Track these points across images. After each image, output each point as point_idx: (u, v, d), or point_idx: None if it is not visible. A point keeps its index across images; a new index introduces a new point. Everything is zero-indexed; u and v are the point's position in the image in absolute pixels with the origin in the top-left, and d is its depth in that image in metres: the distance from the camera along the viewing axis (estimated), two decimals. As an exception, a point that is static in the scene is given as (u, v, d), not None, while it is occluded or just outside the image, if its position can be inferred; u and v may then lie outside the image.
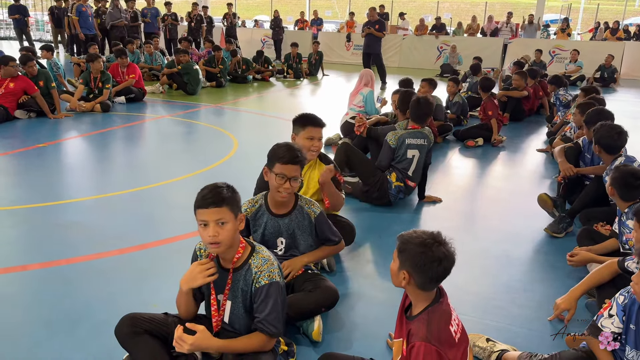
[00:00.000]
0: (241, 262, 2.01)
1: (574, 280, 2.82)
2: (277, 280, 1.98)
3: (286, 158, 2.37)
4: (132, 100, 8.24)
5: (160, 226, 3.67)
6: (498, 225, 3.95)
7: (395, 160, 4.05)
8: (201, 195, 1.90)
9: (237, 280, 2.01)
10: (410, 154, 4.01)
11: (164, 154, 5.76)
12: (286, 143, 2.46)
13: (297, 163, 2.40)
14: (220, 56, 10.67)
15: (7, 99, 6.62)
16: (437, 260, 1.63)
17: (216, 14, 21.05)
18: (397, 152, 4.02)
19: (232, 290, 2.03)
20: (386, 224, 3.80)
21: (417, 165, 4.04)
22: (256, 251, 2.03)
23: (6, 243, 3.37)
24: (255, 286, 1.97)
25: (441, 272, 1.65)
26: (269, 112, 8.21)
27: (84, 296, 2.69)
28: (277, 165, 2.39)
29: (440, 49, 15.81)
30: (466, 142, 6.29)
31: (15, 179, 4.75)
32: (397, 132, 4.06)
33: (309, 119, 3.03)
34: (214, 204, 1.86)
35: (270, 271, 1.97)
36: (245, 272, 2.00)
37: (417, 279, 1.67)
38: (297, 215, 2.54)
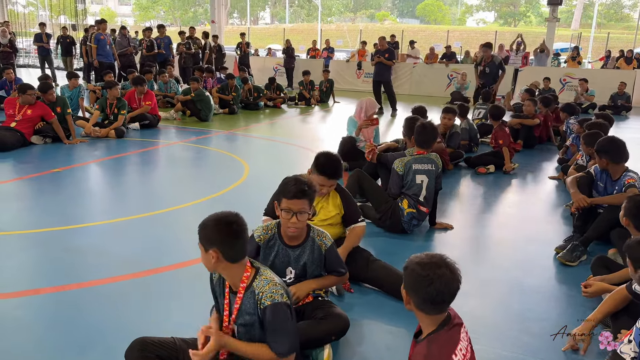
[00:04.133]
0: (246, 285, 2.04)
1: (588, 309, 2.77)
2: (281, 300, 1.98)
3: (291, 193, 2.36)
4: (147, 126, 8.38)
5: (171, 251, 3.68)
6: (510, 252, 3.91)
7: (405, 187, 4.04)
8: None
9: (243, 304, 2.03)
10: (418, 180, 3.99)
11: (176, 180, 5.81)
12: (294, 177, 2.45)
13: (303, 197, 2.37)
14: (233, 84, 10.85)
15: (24, 125, 6.76)
16: (427, 281, 1.61)
17: (230, 43, 21.49)
18: (406, 178, 4.01)
19: (240, 313, 2.04)
20: (398, 250, 3.77)
21: (427, 191, 4.03)
22: (260, 273, 2.04)
23: (18, 267, 3.40)
24: (260, 308, 1.98)
25: (434, 294, 1.62)
26: (280, 138, 8.29)
27: (94, 320, 2.69)
28: (284, 200, 2.39)
29: (450, 76, 15.92)
30: (477, 169, 6.27)
31: (29, 203, 4.81)
32: (403, 159, 4.05)
33: (327, 169, 3.02)
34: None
35: (273, 292, 1.98)
36: (250, 294, 2.01)
37: (413, 298, 1.67)
38: (308, 246, 2.53)
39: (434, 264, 1.64)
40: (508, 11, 61.88)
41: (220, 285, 2.12)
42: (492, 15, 67.05)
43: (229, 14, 56.14)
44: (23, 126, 6.74)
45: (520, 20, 60.93)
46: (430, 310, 1.68)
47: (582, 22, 48.26)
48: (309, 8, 61.73)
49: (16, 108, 6.76)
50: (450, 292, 1.64)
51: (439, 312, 1.69)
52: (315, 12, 54.39)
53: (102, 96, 8.24)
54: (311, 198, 2.42)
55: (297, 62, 16.96)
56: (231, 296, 2.06)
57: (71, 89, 8.75)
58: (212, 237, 1.95)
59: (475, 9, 65.68)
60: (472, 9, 66.15)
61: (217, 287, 2.15)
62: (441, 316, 1.70)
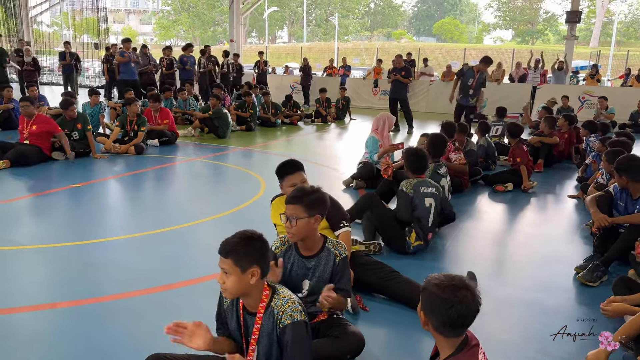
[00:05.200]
0: (265, 304, 2.02)
1: (609, 331, 2.70)
2: (300, 318, 1.97)
3: (287, 199, 2.46)
4: (165, 143, 8.49)
5: (187, 267, 3.69)
6: (529, 272, 3.84)
7: (415, 212, 3.91)
8: (222, 242, 1.98)
9: (263, 325, 2.01)
10: (427, 203, 3.91)
11: (193, 196, 5.86)
12: (299, 186, 2.55)
13: (294, 202, 2.40)
14: (251, 101, 10.97)
15: (36, 140, 6.84)
16: (448, 304, 1.58)
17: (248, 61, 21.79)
18: (414, 200, 3.90)
19: (260, 334, 2.02)
20: (413, 268, 3.73)
21: (434, 215, 3.96)
22: (277, 292, 2.03)
23: (37, 281, 3.44)
24: (279, 327, 1.96)
25: (454, 317, 1.59)
26: (296, 155, 8.28)
27: (110, 335, 2.71)
28: None
29: (467, 94, 15.88)
30: (495, 187, 6.21)
31: (48, 218, 4.89)
32: (410, 181, 3.96)
33: (282, 170, 3.08)
34: (221, 253, 1.94)
35: (292, 310, 1.96)
36: (269, 315, 2.00)
37: (431, 321, 1.64)
38: (324, 256, 2.53)
39: (454, 287, 1.60)
40: (525, 29, 61.78)
41: (234, 309, 2.10)
42: (510, 34, 67.01)
43: (248, 33, 57.05)
44: (36, 142, 6.84)
45: (538, 38, 60.76)
46: (449, 333, 1.65)
47: (601, 40, 47.92)
48: (326, 27, 62.42)
49: (24, 124, 6.89)
50: (471, 314, 1.61)
51: (458, 335, 1.66)
52: (333, 31, 54.95)
53: (122, 113, 8.39)
54: (306, 204, 2.41)
55: (314, 80, 17.10)
56: (247, 318, 2.04)
57: (92, 105, 8.94)
58: (254, 254, 1.93)
59: (493, 27, 65.68)
60: (489, 28, 66.17)
61: (228, 312, 2.12)
62: (459, 338, 1.67)
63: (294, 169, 3.09)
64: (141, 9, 78.01)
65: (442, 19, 63.75)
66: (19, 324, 2.88)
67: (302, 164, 3.15)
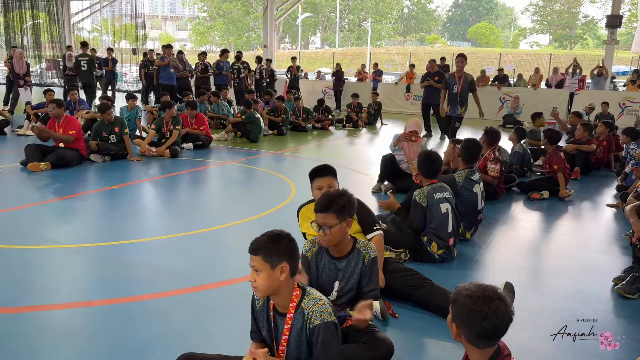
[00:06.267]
0: (296, 304, 2.04)
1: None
2: (330, 319, 1.98)
3: (316, 207, 2.49)
4: (199, 147, 8.64)
5: (219, 268, 3.75)
6: (564, 282, 3.74)
7: (432, 223, 3.83)
8: (251, 241, 2.01)
9: (293, 325, 2.02)
10: (443, 209, 3.83)
11: (225, 198, 5.95)
12: (325, 193, 2.55)
13: (323, 211, 2.46)
14: (283, 106, 11.07)
15: (72, 143, 7.00)
16: (482, 316, 1.55)
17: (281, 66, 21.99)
18: (430, 210, 3.82)
19: (290, 334, 2.04)
20: (443, 276, 3.68)
21: (453, 219, 3.88)
22: (307, 293, 2.05)
23: (73, 279, 3.56)
24: (309, 327, 1.97)
25: (489, 329, 1.56)
26: (327, 160, 8.31)
27: (143, 334, 2.77)
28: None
29: (502, 99, 15.62)
30: (530, 195, 6.07)
31: (86, 218, 5.04)
32: (422, 190, 3.88)
33: (312, 172, 3.15)
34: (251, 251, 1.97)
35: (322, 311, 1.97)
36: (299, 315, 2.01)
37: (465, 333, 1.60)
38: (354, 258, 2.54)
39: (487, 298, 1.57)
40: (563, 34, 60.33)
41: (265, 309, 2.12)
42: (547, 38, 65.57)
43: (281, 39, 57.62)
44: (71, 144, 6.99)
45: (577, 43, 59.25)
46: (482, 345, 1.62)
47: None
48: (358, 32, 62.43)
49: (54, 126, 7.08)
50: (504, 326, 1.58)
51: (491, 345, 1.64)
52: (365, 36, 54.93)
53: (158, 117, 8.59)
54: (336, 210, 2.46)
55: (346, 85, 17.12)
56: (278, 319, 2.06)
57: (129, 109, 9.19)
58: (282, 250, 1.96)
59: (529, 31, 64.37)
60: (526, 32, 64.88)
61: (260, 313, 2.14)
62: (492, 349, 1.64)
63: (324, 172, 3.12)
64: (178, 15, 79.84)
65: (477, 23, 62.90)
66: (55, 320, 2.97)
67: (334, 170, 3.17)
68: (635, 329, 2.95)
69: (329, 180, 3.11)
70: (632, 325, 3.03)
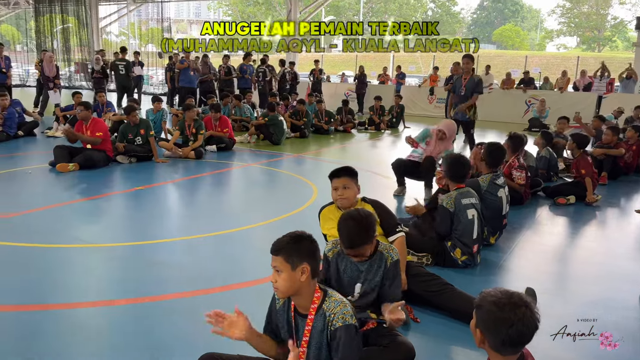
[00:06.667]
0: (317, 306, 2.04)
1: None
2: (351, 322, 1.97)
3: (344, 244, 2.48)
4: (223, 149, 8.73)
5: (242, 269, 3.77)
6: (591, 289, 3.66)
7: (458, 229, 3.78)
8: (273, 242, 2.02)
9: (314, 327, 2.03)
10: (470, 215, 3.77)
11: (248, 200, 5.99)
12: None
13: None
14: (304, 109, 11.11)
15: (100, 145, 7.13)
16: (508, 323, 1.53)
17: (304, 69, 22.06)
18: (457, 216, 3.76)
19: (311, 336, 2.04)
20: (466, 282, 3.64)
21: (478, 226, 3.82)
22: (328, 295, 2.05)
23: (101, 278, 3.63)
24: (331, 329, 1.97)
25: (515, 337, 1.53)
26: (348, 162, 8.30)
27: (165, 333, 2.81)
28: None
29: (528, 103, 15.39)
30: (557, 200, 5.96)
31: (113, 218, 5.14)
32: (450, 195, 3.83)
33: (330, 173, 3.23)
34: (272, 251, 1.98)
35: (344, 313, 1.97)
36: (320, 316, 2.01)
37: (489, 340, 1.58)
38: (377, 260, 2.54)
39: (514, 304, 1.55)
40: (591, 36, 59.09)
41: (286, 310, 2.13)
42: (574, 41, 64.31)
43: (304, 42, 57.73)
44: (98, 146, 7.11)
45: (606, 45, 57.97)
46: (506, 352, 1.60)
47: (675, 46, 45.11)
48: (382, 35, 62.23)
49: (82, 128, 7.22)
50: (530, 333, 1.56)
51: (515, 353, 1.61)
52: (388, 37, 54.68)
53: (182, 119, 8.71)
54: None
55: (369, 88, 17.09)
56: (299, 320, 2.07)
57: (155, 112, 9.34)
58: (304, 251, 1.97)
59: (556, 34, 63.23)
60: (553, 34, 63.75)
61: (280, 313, 2.15)
62: (516, 356, 1.62)
63: (339, 173, 3.18)
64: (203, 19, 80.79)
65: (503, 25, 62.09)
66: (81, 318, 3.03)
67: (351, 170, 3.20)
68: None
69: (344, 181, 3.15)
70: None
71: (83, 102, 7.43)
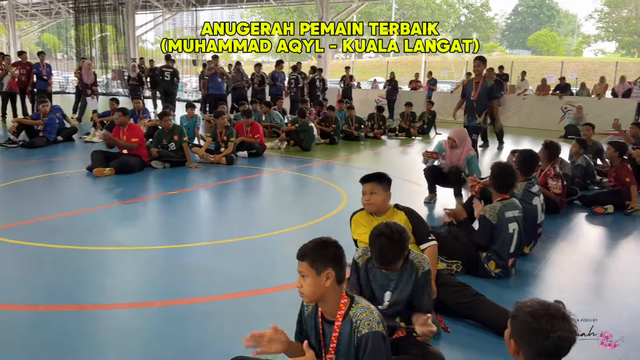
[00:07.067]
0: (344, 312, 2.03)
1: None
2: (378, 329, 1.95)
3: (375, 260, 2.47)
4: (254, 155, 8.82)
5: (271, 274, 3.80)
6: (630, 302, 3.53)
7: (496, 243, 3.68)
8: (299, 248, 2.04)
9: (341, 333, 2.02)
10: (510, 229, 3.67)
11: (277, 206, 6.03)
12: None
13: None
14: (334, 116, 11.13)
15: (135, 150, 7.31)
16: (544, 335, 1.49)
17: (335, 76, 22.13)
18: (498, 229, 3.66)
19: (338, 342, 2.04)
20: (498, 292, 3.56)
21: (517, 240, 3.71)
22: (355, 302, 2.04)
23: (134, 280, 3.72)
24: (357, 336, 1.96)
25: (551, 349, 1.49)
26: (378, 169, 8.26)
27: (196, 335, 2.84)
28: None
29: (564, 109, 15.02)
30: (594, 209, 5.79)
31: (146, 222, 5.25)
32: (494, 206, 3.71)
33: (361, 178, 3.29)
34: (298, 257, 2.00)
35: (370, 320, 1.96)
36: (347, 323, 2.01)
37: (524, 350, 1.55)
38: (407, 269, 2.51)
39: (551, 316, 1.51)
40: (631, 41, 57.32)
41: (313, 317, 2.13)
42: (613, 46, 62.51)
43: (335, 48, 57.90)
44: (133, 151, 7.30)
45: (646, 50, 56.18)
46: None
47: None
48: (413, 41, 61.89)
49: (119, 134, 7.40)
50: (568, 346, 1.52)
51: None
52: (420, 44, 54.30)
53: (214, 126, 8.85)
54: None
55: (400, 94, 16.99)
56: (326, 327, 2.06)
57: (188, 118, 9.51)
58: (328, 257, 1.98)
59: (594, 39, 61.58)
60: (590, 39, 62.12)
61: (308, 320, 2.15)
62: None
63: (368, 179, 3.22)
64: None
65: (538, 31, 60.90)
66: (115, 319, 3.11)
67: (380, 176, 3.21)
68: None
69: (372, 187, 3.17)
70: None
71: (121, 108, 7.63)
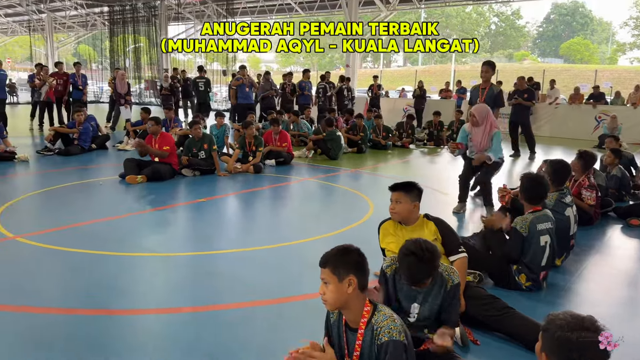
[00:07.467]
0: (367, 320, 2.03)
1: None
2: (399, 339, 1.93)
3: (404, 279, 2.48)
4: (281, 163, 8.89)
5: (298, 282, 3.81)
6: (668, 318, 3.40)
7: (527, 257, 3.60)
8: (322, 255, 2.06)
9: (364, 341, 2.02)
10: (542, 241, 3.58)
11: (304, 214, 6.05)
12: None
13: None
14: (362, 124, 11.12)
15: (167, 158, 7.45)
16: (576, 349, 1.46)
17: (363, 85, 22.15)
18: (529, 241, 3.57)
19: (362, 350, 2.03)
20: (528, 305, 3.48)
21: (549, 253, 3.61)
22: (378, 309, 2.03)
23: (163, 286, 3.77)
24: (377, 343, 1.95)
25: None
26: (405, 178, 8.21)
27: (225, 342, 2.87)
28: None
29: (598, 118, 14.67)
30: (629, 221, 5.62)
31: (176, 228, 5.34)
32: (526, 218, 3.63)
33: (390, 186, 3.30)
34: (320, 264, 2.04)
35: (390, 328, 1.94)
36: (369, 330, 2.01)
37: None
38: (437, 282, 2.49)
39: (584, 329, 1.49)
40: (669, 48, 55.69)
41: (338, 324, 2.13)
42: (650, 53, 60.75)
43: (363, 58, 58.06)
44: (165, 159, 7.44)
45: (685, 57, 54.39)
46: None
47: None
48: (442, 50, 61.45)
49: (152, 142, 7.55)
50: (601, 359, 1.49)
51: None
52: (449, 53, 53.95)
53: (243, 135, 8.96)
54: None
55: (428, 103, 16.89)
56: (349, 334, 2.06)
57: (218, 127, 9.66)
58: (350, 263, 1.99)
59: (629, 47, 59.99)
60: (625, 47, 60.53)
61: (334, 327, 2.15)
62: None
63: (394, 187, 3.24)
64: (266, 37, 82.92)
65: (571, 39, 59.73)
66: (144, 324, 3.16)
67: (409, 186, 3.21)
68: None
69: (397, 196, 3.19)
70: None
71: (153, 117, 7.81)
